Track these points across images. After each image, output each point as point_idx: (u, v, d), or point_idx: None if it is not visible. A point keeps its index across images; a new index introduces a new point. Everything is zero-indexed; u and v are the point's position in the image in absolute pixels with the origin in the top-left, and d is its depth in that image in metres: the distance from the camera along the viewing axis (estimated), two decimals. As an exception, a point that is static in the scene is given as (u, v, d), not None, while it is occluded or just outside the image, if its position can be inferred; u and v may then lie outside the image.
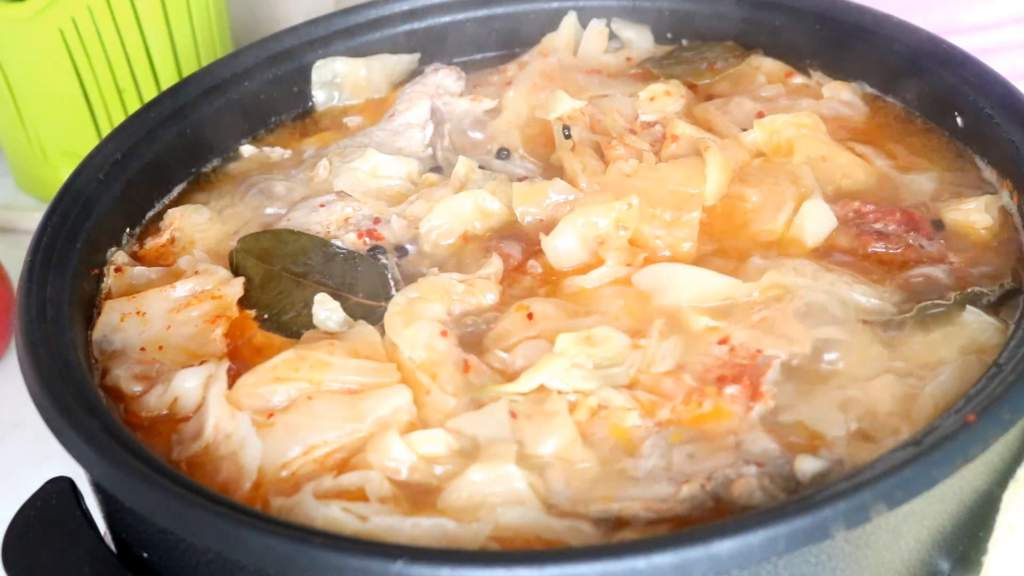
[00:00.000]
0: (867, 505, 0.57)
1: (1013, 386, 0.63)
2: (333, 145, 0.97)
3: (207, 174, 0.97)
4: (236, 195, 0.92)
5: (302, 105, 1.04)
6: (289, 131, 1.02)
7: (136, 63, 1.18)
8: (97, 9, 1.14)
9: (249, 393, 0.72)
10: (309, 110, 1.04)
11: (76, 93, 1.18)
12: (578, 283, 0.79)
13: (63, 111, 1.19)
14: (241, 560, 0.61)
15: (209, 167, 0.97)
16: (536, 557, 0.57)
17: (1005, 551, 0.66)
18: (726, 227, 0.83)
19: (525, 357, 0.73)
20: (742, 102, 0.95)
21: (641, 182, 0.84)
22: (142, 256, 0.87)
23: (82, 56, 1.15)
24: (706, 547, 0.56)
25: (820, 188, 0.84)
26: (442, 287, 0.78)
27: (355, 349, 0.74)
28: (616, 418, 0.69)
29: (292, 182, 0.92)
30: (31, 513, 0.69)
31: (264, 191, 0.91)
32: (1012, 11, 1.16)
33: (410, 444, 0.68)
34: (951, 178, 0.86)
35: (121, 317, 0.79)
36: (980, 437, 0.61)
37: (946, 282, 0.76)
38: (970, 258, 0.79)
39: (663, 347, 0.73)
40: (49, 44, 1.14)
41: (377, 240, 0.85)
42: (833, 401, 0.69)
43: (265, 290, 0.82)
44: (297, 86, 1.03)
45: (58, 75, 1.16)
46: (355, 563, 0.57)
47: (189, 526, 0.61)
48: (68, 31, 1.13)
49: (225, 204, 0.91)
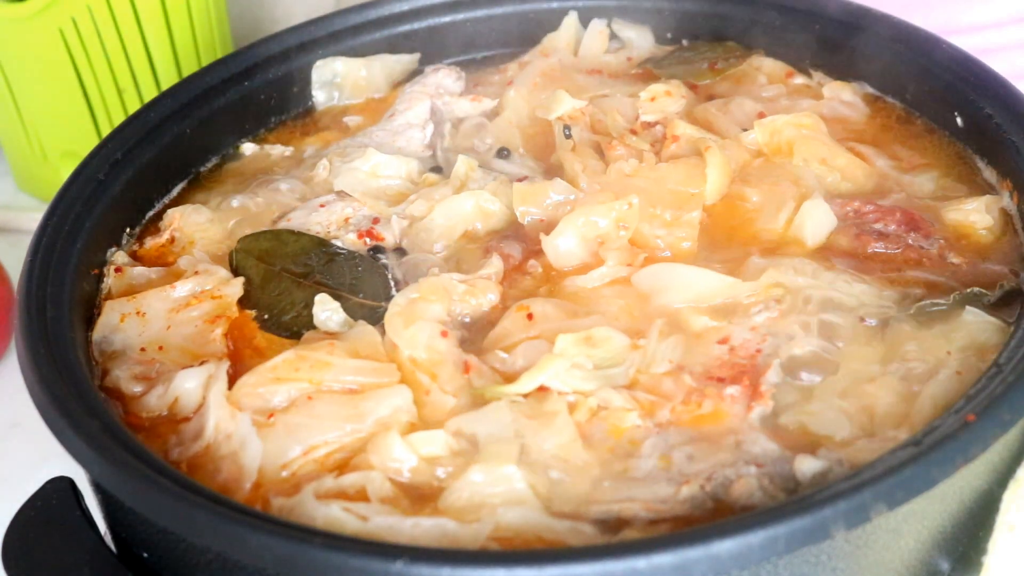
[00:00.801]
0: (867, 505, 0.57)
1: (1013, 386, 0.63)
2: (333, 145, 0.97)
3: (207, 174, 0.97)
4: (236, 194, 0.92)
5: (302, 105, 1.04)
6: (289, 131, 1.02)
7: (136, 63, 1.18)
8: (97, 9, 1.14)
9: (249, 393, 0.72)
10: (309, 110, 1.04)
11: (76, 93, 1.17)
12: (578, 283, 0.79)
13: (63, 111, 1.18)
14: (241, 560, 0.61)
15: (209, 167, 0.97)
16: (536, 557, 0.57)
17: (1005, 551, 0.66)
18: (726, 227, 0.83)
19: (525, 357, 0.73)
20: (743, 102, 0.95)
21: (641, 182, 0.84)
22: (142, 256, 0.87)
23: (82, 56, 1.15)
24: (706, 547, 0.56)
25: (820, 188, 0.84)
26: (442, 287, 0.78)
27: (355, 349, 0.74)
28: (616, 419, 0.69)
29: (292, 181, 0.92)
30: (31, 513, 0.69)
31: (264, 191, 0.91)
32: (1012, 11, 1.16)
33: (410, 444, 0.68)
34: (951, 178, 0.86)
35: (121, 317, 0.79)
36: (980, 437, 0.61)
37: (946, 282, 0.76)
38: (970, 258, 0.79)
39: (663, 347, 0.73)
40: (49, 44, 1.14)
41: (377, 240, 0.85)
42: (833, 401, 0.69)
43: (265, 290, 0.82)
44: (297, 86, 1.03)
45: (58, 75, 1.16)
46: (355, 563, 0.57)
47: (189, 526, 0.61)
48: (68, 31, 1.13)
49: (225, 204, 0.91)
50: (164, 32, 1.17)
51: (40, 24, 1.13)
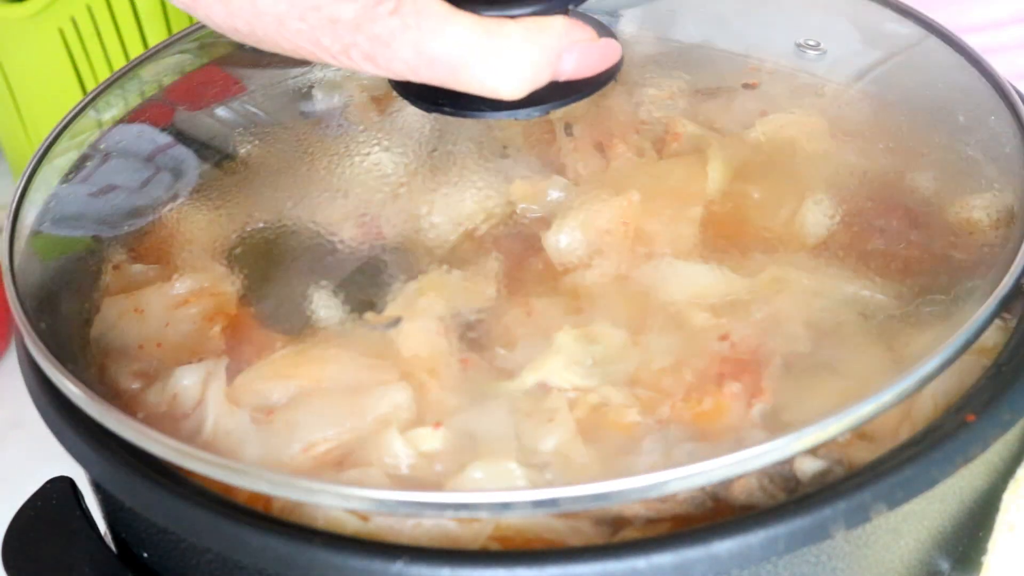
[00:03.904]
0: (867, 505, 0.57)
1: (1013, 386, 0.63)
2: (333, 143, 0.97)
3: (206, 172, 0.97)
4: (235, 192, 0.92)
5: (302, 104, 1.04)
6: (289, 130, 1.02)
7: (136, 62, 1.18)
8: (97, 9, 1.14)
9: (248, 390, 0.72)
10: (309, 109, 1.04)
11: (76, 93, 1.18)
12: (578, 280, 0.79)
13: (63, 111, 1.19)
14: (241, 560, 0.61)
15: (208, 165, 0.97)
16: (536, 557, 0.57)
17: (1005, 551, 0.66)
18: (727, 224, 0.83)
19: (525, 354, 0.73)
20: (745, 100, 0.95)
21: (642, 179, 0.84)
22: (141, 253, 0.87)
23: (82, 56, 1.15)
24: (706, 547, 0.56)
25: (822, 185, 0.84)
26: (442, 284, 0.78)
27: (354, 346, 0.74)
28: (616, 415, 0.69)
29: (292, 178, 0.92)
30: (31, 513, 0.69)
31: (263, 188, 0.91)
32: (1012, 11, 1.16)
33: (410, 442, 0.68)
34: (952, 177, 0.86)
35: (119, 314, 0.79)
36: (980, 437, 0.61)
37: (947, 280, 0.76)
38: (971, 257, 0.79)
39: (663, 344, 0.73)
40: (49, 44, 1.15)
41: (377, 237, 0.85)
42: (833, 399, 0.69)
43: (264, 287, 0.82)
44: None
45: (58, 75, 1.16)
46: (355, 563, 0.57)
47: (189, 526, 0.61)
48: (68, 31, 1.14)
49: (224, 201, 0.91)
50: (164, 32, 1.18)
51: (40, 24, 1.13)
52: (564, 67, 0.72)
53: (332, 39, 0.66)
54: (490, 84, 0.69)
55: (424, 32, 0.66)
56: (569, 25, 0.72)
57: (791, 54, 0.95)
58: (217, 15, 0.67)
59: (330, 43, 0.66)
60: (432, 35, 0.66)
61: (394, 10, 0.65)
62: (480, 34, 0.67)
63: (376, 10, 0.65)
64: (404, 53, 0.67)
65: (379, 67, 0.68)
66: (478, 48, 0.68)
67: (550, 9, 0.71)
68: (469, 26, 0.67)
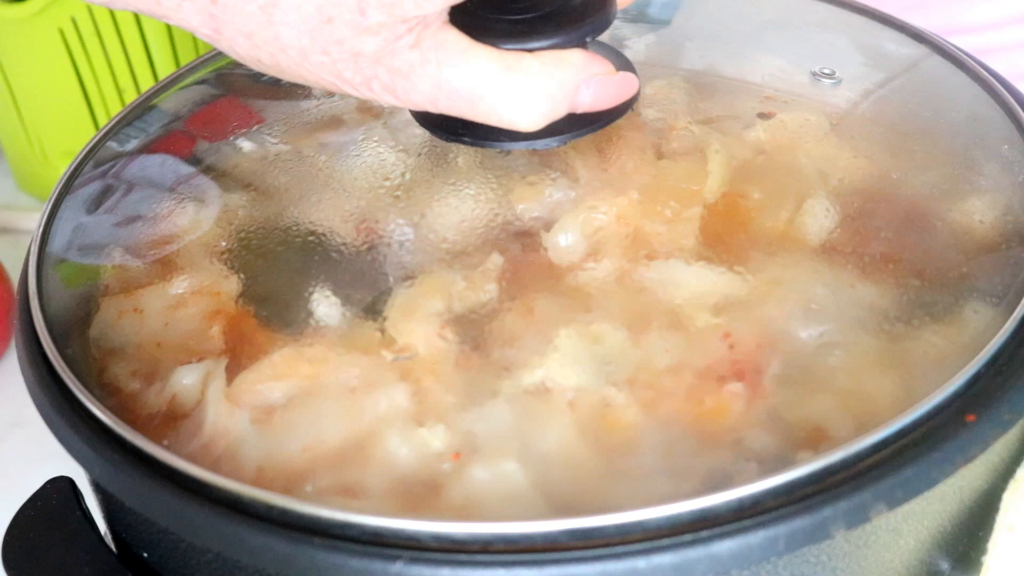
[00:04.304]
0: (867, 505, 0.57)
1: (1013, 386, 0.63)
2: (332, 142, 0.97)
3: (206, 171, 0.97)
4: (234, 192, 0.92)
5: (301, 103, 1.04)
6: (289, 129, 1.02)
7: (136, 63, 1.18)
8: (97, 9, 1.14)
9: (248, 390, 0.72)
10: (309, 108, 1.04)
11: (76, 93, 1.18)
12: (579, 279, 0.79)
13: (63, 111, 1.19)
14: (241, 560, 0.61)
15: (208, 164, 0.97)
16: (536, 557, 0.57)
17: (1005, 551, 0.66)
18: (727, 224, 0.83)
19: (525, 354, 0.73)
20: (745, 99, 0.95)
21: (642, 178, 0.84)
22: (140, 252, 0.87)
23: (82, 56, 1.15)
24: (706, 547, 0.56)
25: (822, 186, 0.84)
26: (442, 283, 0.78)
27: (355, 346, 0.74)
28: (617, 415, 0.69)
29: (291, 177, 0.92)
30: (31, 513, 0.69)
31: (262, 187, 0.91)
32: (1012, 11, 1.16)
33: (410, 441, 0.68)
34: (953, 178, 0.86)
35: (119, 314, 0.79)
36: (980, 437, 0.61)
37: (947, 280, 0.76)
38: (971, 257, 0.79)
39: (663, 344, 0.73)
40: (49, 44, 1.15)
41: (377, 236, 0.85)
42: (833, 399, 0.69)
43: (263, 287, 0.82)
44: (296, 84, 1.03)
45: (58, 75, 1.16)
46: (355, 563, 0.57)
47: (189, 526, 0.61)
48: (68, 31, 1.14)
49: (224, 200, 0.91)
50: (164, 32, 1.18)
51: (40, 24, 1.13)
52: (581, 100, 0.73)
53: (354, 72, 0.67)
54: (508, 117, 0.70)
55: (443, 66, 0.67)
56: (587, 59, 0.72)
57: (807, 83, 0.96)
58: (241, 47, 0.67)
59: (352, 75, 0.67)
60: (451, 69, 0.67)
61: (415, 44, 0.66)
62: (498, 68, 0.68)
63: (397, 44, 0.65)
64: (423, 85, 0.68)
65: (399, 99, 0.69)
66: (496, 82, 0.68)
67: (568, 43, 0.72)
68: (488, 60, 0.68)
